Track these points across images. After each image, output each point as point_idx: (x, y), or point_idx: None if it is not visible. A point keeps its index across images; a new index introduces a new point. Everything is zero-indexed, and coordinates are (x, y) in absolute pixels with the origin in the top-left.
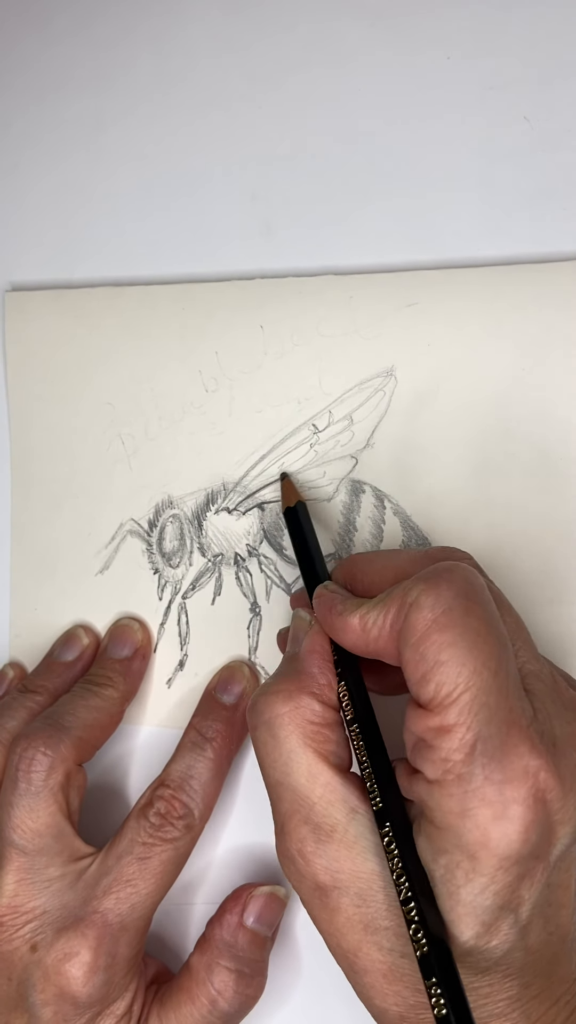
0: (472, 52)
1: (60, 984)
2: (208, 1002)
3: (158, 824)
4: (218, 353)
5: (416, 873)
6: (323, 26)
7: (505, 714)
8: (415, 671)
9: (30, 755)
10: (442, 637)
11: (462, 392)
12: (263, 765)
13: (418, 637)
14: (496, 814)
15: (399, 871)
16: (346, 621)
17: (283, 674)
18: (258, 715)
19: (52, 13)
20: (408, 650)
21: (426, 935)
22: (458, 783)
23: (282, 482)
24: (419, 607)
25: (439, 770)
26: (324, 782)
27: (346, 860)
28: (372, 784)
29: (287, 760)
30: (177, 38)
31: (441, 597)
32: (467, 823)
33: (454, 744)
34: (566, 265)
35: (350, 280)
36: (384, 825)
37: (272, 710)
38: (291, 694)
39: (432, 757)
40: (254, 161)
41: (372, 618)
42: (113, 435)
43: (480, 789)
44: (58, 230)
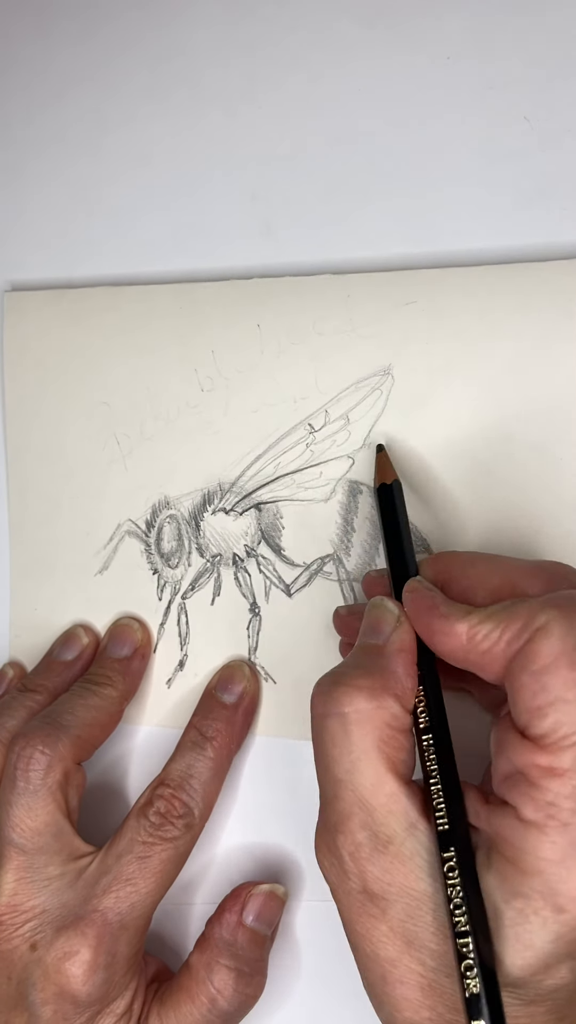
0: (472, 52)
1: (60, 983)
2: (208, 1001)
3: (158, 823)
4: (215, 352)
5: (476, 908)
6: (323, 26)
7: None
8: (531, 701)
9: (28, 754)
10: (571, 674)
11: (460, 391)
12: (326, 758)
13: (542, 666)
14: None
15: (459, 900)
16: (452, 627)
17: (363, 667)
18: (333, 704)
19: (53, 14)
20: (527, 676)
21: (480, 974)
22: (562, 831)
23: (378, 455)
24: (548, 634)
25: (541, 813)
26: (389, 791)
27: (399, 874)
28: (440, 803)
29: (356, 759)
30: (177, 38)
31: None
32: (564, 873)
33: (566, 790)
34: (565, 264)
35: (348, 279)
36: (448, 849)
37: (352, 704)
38: (375, 692)
39: (535, 796)
40: (254, 161)
41: (484, 631)
42: (109, 435)
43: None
44: (58, 230)
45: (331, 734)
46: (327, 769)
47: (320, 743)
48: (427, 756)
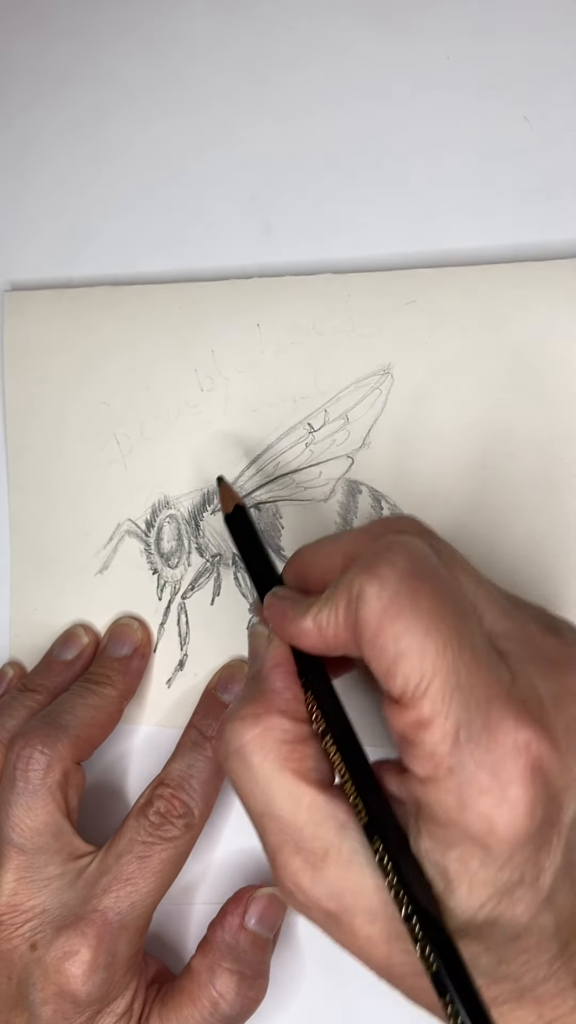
0: (472, 52)
1: (60, 982)
2: (210, 1004)
3: (158, 823)
4: (214, 352)
5: (416, 884)
6: (323, 26)
7: (481, 690)
8: (378, 666)
9: (28, 754)
10: (395, 627)
11: (460, 391)
12: (242, 797)
13: (372, 632)
14: (496, 800)
15: (396, 886)
16: (300, 627)
17: (246, 697)
18: (227, 745)
19: (52, 13)
20: (366, 647)
21: (433, 950)
22: (450, 776)
23: (219, 486)
24: (365, 600)
25: (428, 766)
26: (308, 803)
27: (346, 881)
28: (355, 798)
29: (265, 787)
30: (177, 38)
31: (385, 583)
32: (469, 816)
33: (436, 737)
34: (565, 263)
35: (348, 279)
36: (374, 839)
37: (240, 738)
38: (258, 716)
39: (418, 754)
40: (254, 160)
41: (324, 618)
42: (108, 435)
43: (473, 778)
44: (58, 230)
45: (235, 772)
46: (247, 807)
47: (233, 785)
48: (331, 756)
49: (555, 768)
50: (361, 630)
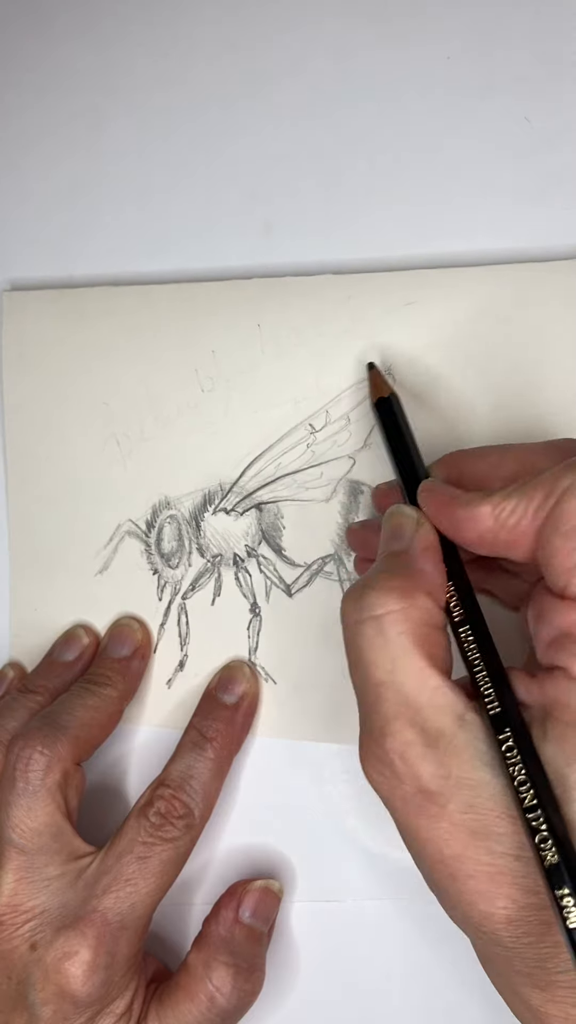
0: (472, 52)
1: (60, 983)
2: (207, 999)
3: (158, 824)
4: (215, 352)
5: (541, 780)
6: (323, 26)
7: None
8: (567, 560)
9: (27, 754)
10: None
11: (460, 391)
12: (364, 663)
13: (572, 526)
14: None
15: (521, 777)
16: (476, 511)
17: (391, 571)
18: (366, 609)
19: (52, 12)
20: (559, 539)
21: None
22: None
23: (369, 372)
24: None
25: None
26: (434, 686)
27: (454, 766)
28: (488, 688)
29: (396, 659)
30: (177, 37)
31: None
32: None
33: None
34: (565, 264)
35: (348, 279)
36: (503, 730)
37: (385, 605)
38: (406, 591)
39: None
40: (253, 160)
41: (510, 507)
42: (109, 435)
43: None
44: (57, 229)
45: (367, 638)
46: (366, 674)
47: (356, 649)
48: (467, 647)
49: None
50: (559, 522)
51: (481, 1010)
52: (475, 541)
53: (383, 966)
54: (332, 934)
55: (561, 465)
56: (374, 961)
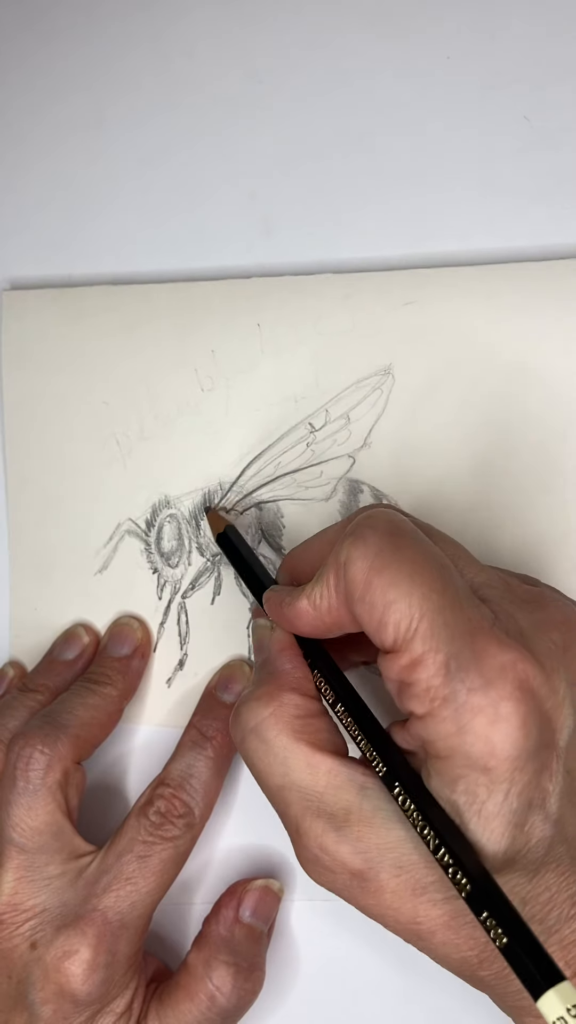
0: (472, 52)
1: (60, 982)
2: (207, 998)
3: (158, 823)
4: (215, 352)
5: (438, 818)
6: (323, 26)
7: (465, 625)
8: (371, 620)
9: (28, 753)
10: (382, 580)
11: (460, 391)
12: (260, 774)
13: (361, 590)
14: (490, 719)
15: (421, 823)
16: (296, 608)
17: (258, 681)
18: (244, 725)
19: (52, 12)
20: (357, 606)
21: (464, 873)
22: (445, 705)
23: (207, 515)
24: (352, 561)
25: (425, 701)
26: (326, 769)
27: (370, 837)
28: (371, 753)
29: (284, 760)
30: (177, 37)
31: (369, 544)
32: (468, 738)
33: (429, 671)
34: (565, 264)
35: (348, 278)
36: (394, 786)
37: (256, 715)
38: (272, 695)
39: (415, 692)
40: (253, 159)
41: (318, 594)
42: (108, 435)
43: (467, 702)
44: (57, 229)
45: (252, 750)
46: (265, 784)
47: (249, 765)
48: (345, 722)
49: (542, 687)
50: (351, 591)
51: (482, 1010)
52: (311, 632)
53: (383, 965)
54: (332, 933)
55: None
56: (374, 960)
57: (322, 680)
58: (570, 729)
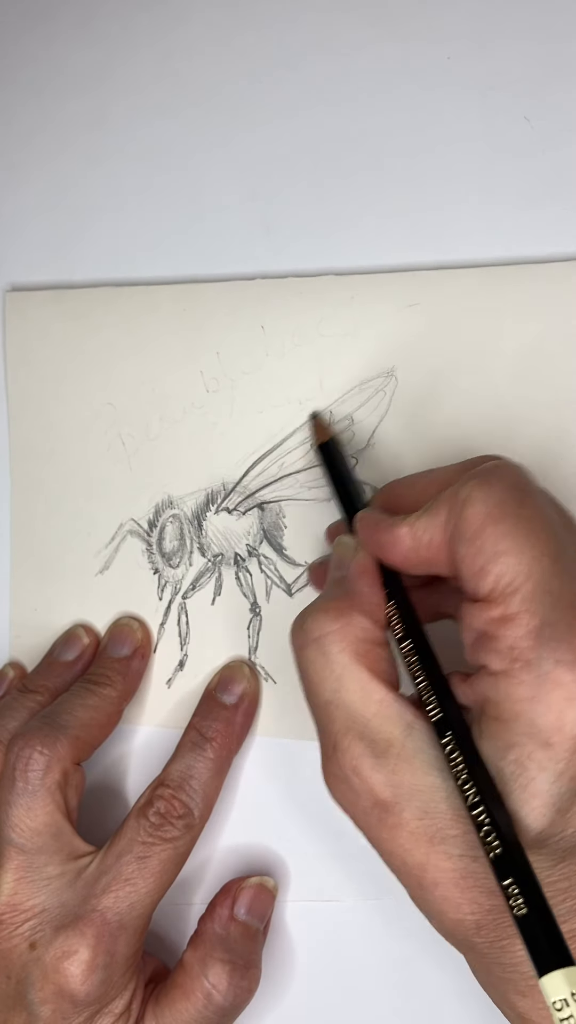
0: (472, 52)
1: (59, 982)
2: (203, 996)
3: (158, 823)
4: (219, 353)
5: (482, 777)
6: (323, 26)
7: (570, 598)
8: (473, 564)
9: (27, 754)
10: (498, 529)
11: (463, 392)
12: (311, 684)
13: (474, 531)
14: (570, 695)
15: (464, 777)
16: (395, 533)
17: (331, 595)
18: (307, 633)
19: (53, 12)
20: (464, 545)
21: (498, 836)
22: (527, 669)
23: (312, 420)
24: (472, 502)
25: (506, 659)
26: (379, 698)
27: (406, 774)
28: (430, 695)
29: (339, 677)
30: (178, 37)
31: (493, 490)
32: (539, 707)
33: (520, 631)
34: (567, 265)
35: (351, 280)
36: (445, 734)
37: (322, 627)
38: (342, 611)
39: (497, 647)
40: (254, 161)
41: (423, 525)
42: (114, 435)
43: (551, 672)
44: (58, 230)
45: (310, 661)
46: (315, 695)
47: (303, 673)
48: (408, 660)
49: None
50: (463, 531)
51: (478, 1009)
52: (401, 561)
53: (379, 964)
54: (329, 933)
55: (461, 479)
56: (370, 959)
57: (396, 613)
58: None
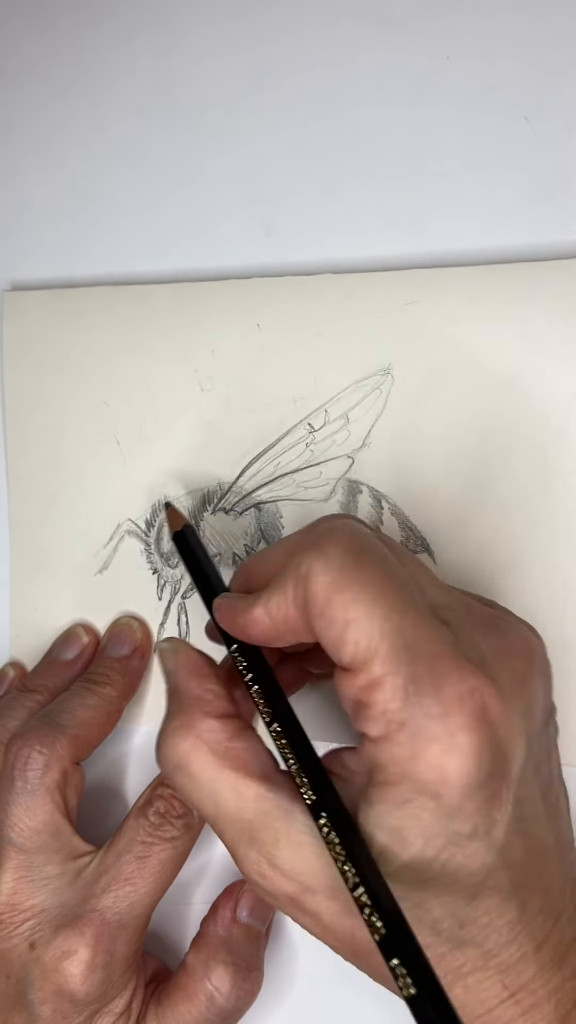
0: (472, 52)
1: (58, 982)
2: (206, 999)
3: (157, 823)
4: (215, 352)
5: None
6: (323, 26)
7: (426, 647)
8: (328, 637)
9: (26, 754)
10: (343, 597)
11: (460, 391)
12: (193, 806)
13: (321, 605)
14: (445, 747)
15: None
16: (251, 615)
17: (171, 712)
18: (167, 762)
19: (53, 12)
20: (316, 620)
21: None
22: (401, 729)
23: (166, 510)
24: (313, 575)
25: (381, 725)
26: (253, 796)
27: (300, 862)
28: (301, 779)
29: (211, 791)
30: (177, 37)
31: (331, 558)
32: (420, 764)
33: (387, 695)
34: (565, 264)
35: (348, 279)
36: (320, 817)
37: (176, 751)
38: (187, 725)
39: (371, 715)
40: (252, 160)
41: (275, 603)
42: (109, 434)
43: (424, 728)
44: (57, 229)
45: (180, 787)
46: (202, 815)
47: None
48: (279, 742)
49: (500, 717)
50: (311, 605)
51: None
52: (265, 640)
53: None
54: None
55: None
56: None
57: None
58: (522, 759)
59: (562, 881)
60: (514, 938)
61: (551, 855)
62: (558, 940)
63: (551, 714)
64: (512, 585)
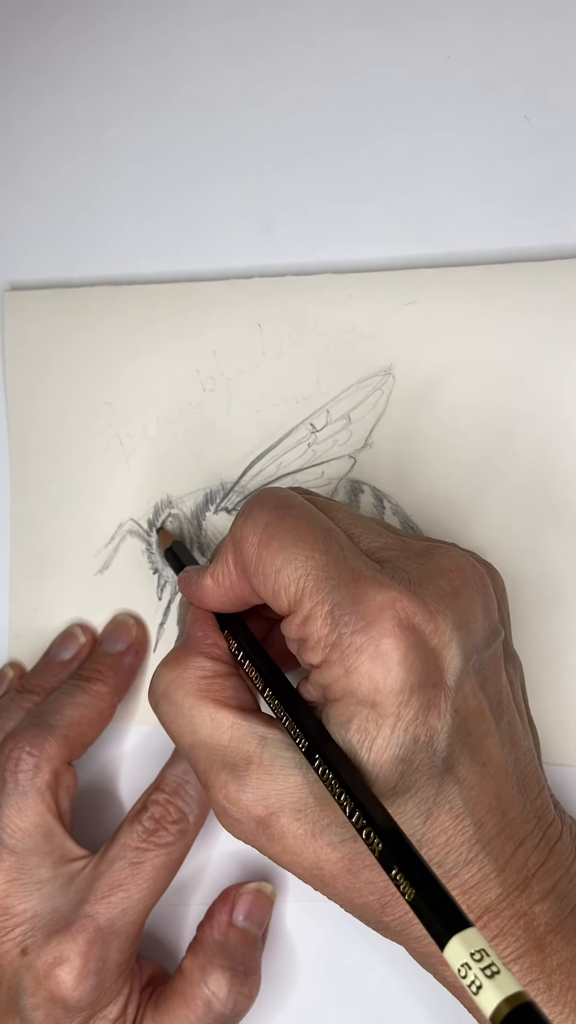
0: (472, 52)
1: (50, 988)
2: (203, 1004)
3: (152, 829)
4: (216, 352)
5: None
6: (323, 26)
7: (348, 574)
8: (266, 592)
9: (16, 755)
10: (269, 550)
11: (461, 391)
12: (173, 736)
13: (254, 562)
14: (371, 656)
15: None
16: (202, 585)
17: (170, 651)
18: (154, 690)
19: (53, 13)
20: (253, 579)
21: (375, 830)
22: (334, 650)
23: (158, 534)
24: (244, 537)
25: (319, 651)
26: (229, 724)
27: (270, 783)
28: (275, 702)
29: (190, 719)
30: (177, 37)
31: (257, 519)
32: (354, 677)
33: (318, 623)
34: (566, 264)
35: (349, 279)
36: (298, 738)
37: (164, 680)
38: (178, 659)
39: (310, 646)
40: (254, 160)
41: (220, 571)
42: (111, 435)
43: (351, 644)
44: (58, 229)
45: (163, 714)
46: (179, 744)
47: (165, 728)
48: (252, 676)
49: (425, 624)
50: (246, 566)
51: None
52: (219, 606)
53: (380, 966)
54: (328, 935)
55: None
56: (371, 961)
57: (235, 643)
58: (458, 670)
59: (523, 807)
60: (473, 858)
61: (509, 778)
62: (521, 864)
63: (494, 634)
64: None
